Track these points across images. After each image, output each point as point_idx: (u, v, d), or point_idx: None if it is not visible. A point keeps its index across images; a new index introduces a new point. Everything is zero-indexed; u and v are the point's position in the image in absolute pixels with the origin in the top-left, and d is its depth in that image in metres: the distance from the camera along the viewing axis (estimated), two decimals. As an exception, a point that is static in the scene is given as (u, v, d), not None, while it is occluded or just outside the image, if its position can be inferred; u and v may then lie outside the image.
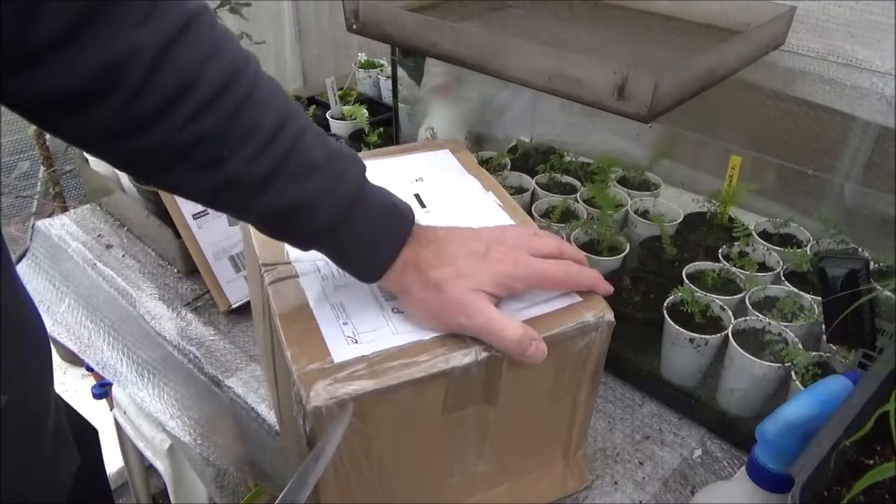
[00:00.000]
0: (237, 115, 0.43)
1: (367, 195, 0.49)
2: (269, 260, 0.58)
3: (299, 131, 0.46)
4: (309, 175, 0.46)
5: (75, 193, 2.15)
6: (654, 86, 0.59)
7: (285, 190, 0.45)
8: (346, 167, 0.48)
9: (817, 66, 0.84)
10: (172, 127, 0.42)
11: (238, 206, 0.47)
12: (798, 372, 0.66)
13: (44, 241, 1.13)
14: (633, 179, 1.02)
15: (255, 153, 0.44)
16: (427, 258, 0.51)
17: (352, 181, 0.48)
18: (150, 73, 0.40)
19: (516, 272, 0.51)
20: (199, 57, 0.41)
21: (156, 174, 0.46)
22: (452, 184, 0.70)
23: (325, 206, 0.47)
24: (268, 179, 0.45)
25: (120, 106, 0.40)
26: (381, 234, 0.50)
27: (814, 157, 0.93)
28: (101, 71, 0.39)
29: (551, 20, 0.89)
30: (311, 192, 0.46)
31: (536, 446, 0.63)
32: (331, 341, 0.50)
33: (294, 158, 0.46)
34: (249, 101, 0.44)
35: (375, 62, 1.47)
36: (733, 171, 0.88)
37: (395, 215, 0.51)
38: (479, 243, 0.53)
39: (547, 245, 0.55)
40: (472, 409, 0.54)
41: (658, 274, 0.84)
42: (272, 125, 0.45)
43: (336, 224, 0.48)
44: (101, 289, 1.01)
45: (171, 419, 0.93)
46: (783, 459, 0.49)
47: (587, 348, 0.56)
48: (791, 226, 0.89)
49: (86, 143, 0.44)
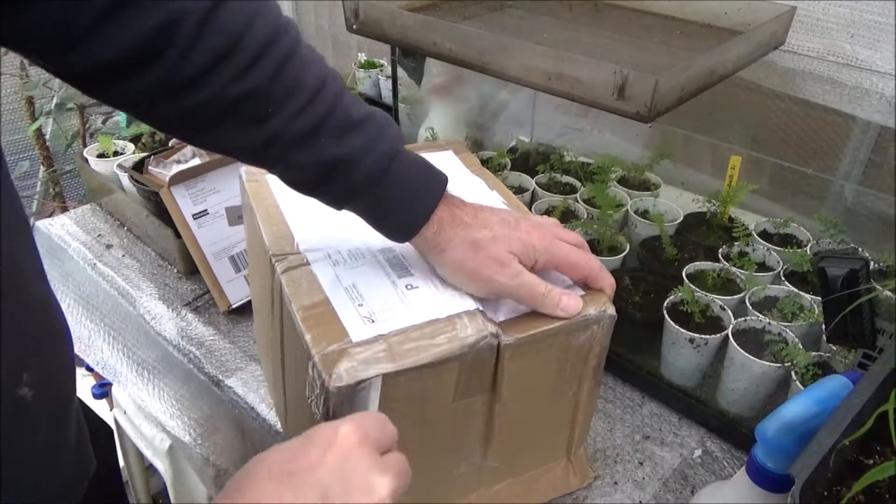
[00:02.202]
0: (281, 73, 0.45)
1: (403, 153, 0.51)
2: (279, 251, 0.59)
3: (339, 91, 0.48)
4: (350, 132, 0.48)
5: (75, 193, 2.15)
6: (654, 86, 0.59)
7: (327, 145, 0.47)
8: (383, 126, 0.50)
9: (817, 66, 0.84)
10: (219, 85, 0.43)
11: (281, 161, 0.49)
12: (798, 372, 0.66)
13: (44, 241, 1.13)
14: (633, 179, 1.02)
15: (299, 109, 0.46)
16: (464, 218, 0.52)
17: (389, 139, 0.50)
18: (198, 34, 0.41)
19: (542, 245, 0.53)
20: (244, 17, 0.43)
21: (202, 132, 0.47)
22: (457, 184, 0.70)
23: (366, 161, 0.48)
24: (310, 135, 0.47)
25: (169, 67, 0.41)
26: (417, 190, 0.51)
27: (814, 157, 0.93)
28: (151, 36, 0.40)
29: (551, 20, 0.89)
30: (351, 147, 0.48)
31: (540, 442, 0.64)
32: (348, 322, 0.51)
33: (335, 115, 0.47)
34: (292, 60, 0.45)
35: (375, 62, 1.47)
36: (733, 171, 0.88)
37: (430, 173, 0.52)
38: (509, 215, 0.55)
39: (571, 235, 0.57)
40: (478, 399, 0.55)
41: (658, 274, 0.84)
42: (314, 83, 0.46)
43: (375, 179, 0.49)
44: (101, 289, 1.01)
45: (171, 419, 0.93)
46: (783, 459, 0.49)
47: (589, 342, 0.56)
48: (791, 226, 0.89)
49: (135, 106, 0.46)
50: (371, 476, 0.35)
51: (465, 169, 0.73)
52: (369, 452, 0.36)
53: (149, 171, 0.99)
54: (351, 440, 0.36)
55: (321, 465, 0.35)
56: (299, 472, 0.35)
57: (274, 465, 0.35)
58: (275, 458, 0.36)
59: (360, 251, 0.58)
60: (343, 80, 0.51)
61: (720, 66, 0.70)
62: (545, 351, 0.55)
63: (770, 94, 0.91)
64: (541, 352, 0.55)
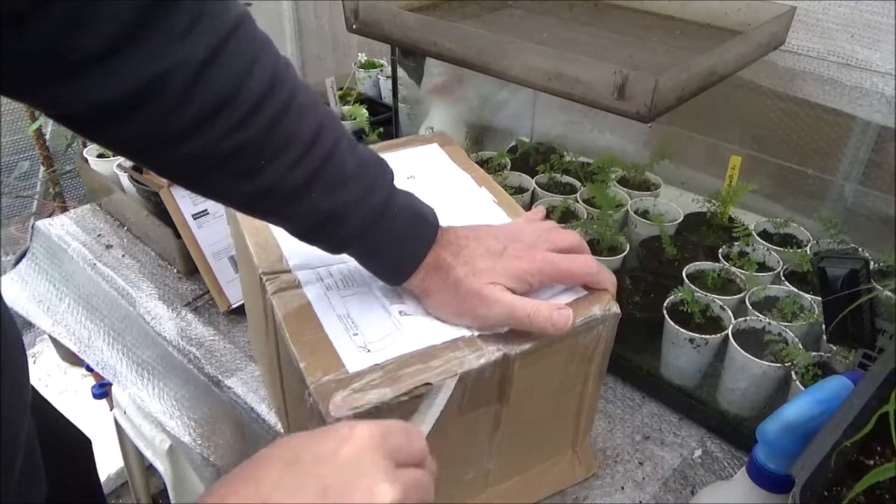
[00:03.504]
0: (276, 126, 0.44)
1: (396, 203, 0.51)
2: (269, 269, 0.58)
3: (334, 141, 0.47)
4: (342, 185, 0.48)
5: (75, 193, 2.15)
6: (654, 86, 0.59)
7: (320, 199, 0.47)
8: (376, 176, 0.50)
9: (817, 66, 0.84)
10: (212, 138, 0.42)
11: (274, 212, 0.49)
12: (798, 372, 0.66)
13: (44, 241, 1.13)
14: (633, 179, 1.02)
15: (292, 163, 0.45)
16: (447, 259, 0.52)
17: (381, 190, 0.50)
18: (192, 87, 0.40)
19: (532, 268, 0.53)
20: (240, 68, 0.42)
21: (194, 181, 0.47)
22: (445, 181, 0.70)
23: (357, 214, 0.48)
24: (303, 189, 0.46)
25: (160, 117, 0.40)
26: (407, 240, 0.51)
27: (814, 157, 0.93)
28: (144, 85, 0.39)
29: (551, 20, 0.89)
30: (343, 201, 0.48)
31: (546, 438, 0.64)
32: (343, 352, 0.50)
33: (328, 168, 0.47)
34: (288, 112, 0.44)
35: (375, 62, 1.47)
36: (733, 171, 0.88)
37: (420, 221, 0.52)
38: (496, 242, 0.54)
39: (565, 239, 0.57)
40: (486, 410, 0.54)
41: (658, 274, 0.84)
42: (309, 135, 0.45)
43: (366, 232, 0.50)
44: (101, 289, 1.01)
45: (171, 419, 0.93)
46: (783, 459, 0.49)
47: (595, 341, 0.56)
48: (791, 226, 0.89)
49: (124, 151, 0.45)
50: (377, 482, 0.34)
51: (451, 164, 0.73)
52: (382, 458, 0.35)
53: (149, 171, 0.99)
54: (366, 442, 0.35)
55: (329, 461, 0.34)
56: (307, 463, 0.34)
57: (286, 452, 0.35)
58: (290, 444, 0.36)
59: (352, 274, 0.58)
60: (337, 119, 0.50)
61: (720, 66, 0.70)
62: (553, 356, 0.55)
63: (770, 94, 0.91)
64: (549, 357, 0.54)
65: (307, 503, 0.33)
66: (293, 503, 0.33)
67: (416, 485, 0.36)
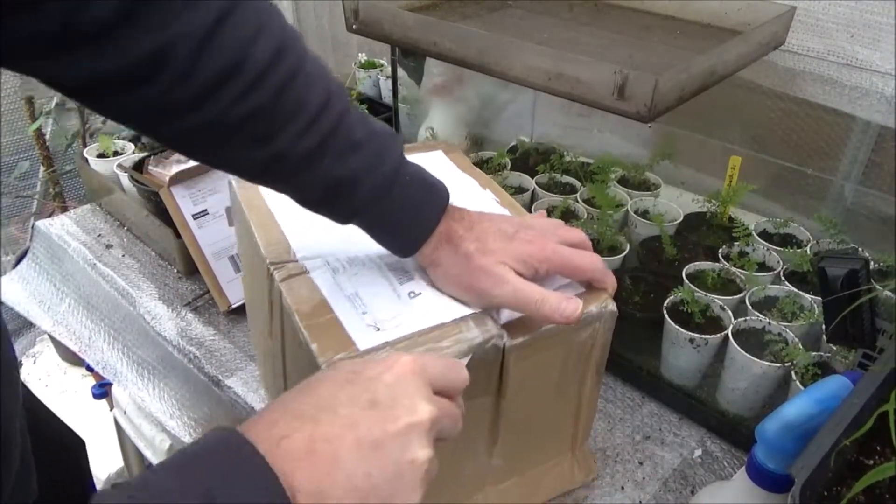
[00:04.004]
0: (284, 93, 0.44)
1: (406, 172, 0.51)
2: (277, 259, 0.58)
3: (343, 109, 0.48)
4: (353, 152, 0.48)
5: (75, 193, 2.15)
6: (654, 86, 0.59)
7: (331, 166, 0.47)
8: (386, 145, 0.50)
9: (817, 66, 0.84)
10: (222, 105, 0.42)
11: (285, 180, 0.49)
12: (798, 372, 0.66)
13: (44, 241, 1.13)
14: (633, 179, 1.02)
15: (303, 129, 0.45)
16: (458, 231, 0.53)
17: (391, 158, 0.50)
18: (198, 56, 0.40)
19: (541, 254, 0.53)
20: (246, 36, 0.42)
21: (205, 151, 0.47)
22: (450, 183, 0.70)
23: (367, 181, 0.49)
24: (314, 155, 0.46)
25: (168, 88, 0.41)
26: (418, 209, 0.52)
27: (814, 157, 0.93)
28: (149, 55, 0.39)
29: (551, 20, 0.89)
30: (354, 168, 0.48)
31: (544, 439, 0.64)
32: (353, 331, 0.50)
33: (339, 135, 0.47)
34: (296, 79, 0.45)
35: (375, 62, 1.47)
36: (733, 171, 0.88)
37: (431, 191, 0.53)
38: (508, 225, 0.55)
39: (574, 235, 0.57)
40: (484, 400, 0.55)
41: (658, 274, 0.84)
42: (318, 102, 0.46)
43: (377, 199, 0.50)
44: (101, 289, 1.01)
45: (171, 419, 0.93)
46: (783, 459, 0.49)
47: (591, 339, 0.57)
48: (791, 226, 0.89)
49: (133, 122, 0.45)
50: (416, 399, 0.38)
51: (456, 169, 0.73)
52: (422, 383, 0.39)
53: (149, 171, 0.99)
54: (407, 367, 0.39)
55: (378, 379, 0.39)
56: (358, 380, 0.39)
57: (339, 373, 0.39)
58: (343, 367, 0.40)
59: (359, 257, 0.58)
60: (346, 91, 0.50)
61: (720, 66, 0.70)
62: (549, 350, 0.55)
63: (770, 94, 0.91)
64: (544, 351, 0.55)
65: (357, 412, 0.37)
66: (346, 412, 0.37)
67: (448, 412, 0.41)
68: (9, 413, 0.46)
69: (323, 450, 0.35)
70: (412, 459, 0.37)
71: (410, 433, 0.37)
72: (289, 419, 0.36)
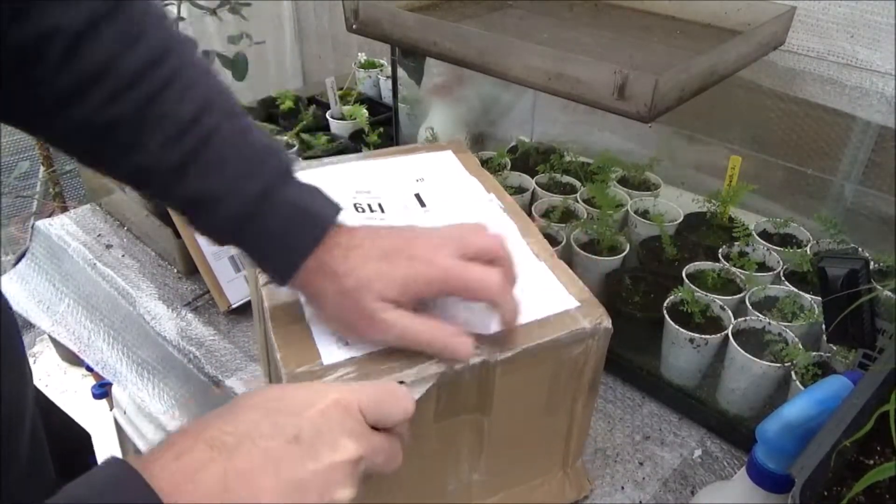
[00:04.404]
0: (153, 103, 0.43)
1: (280, 195, 0.47)
2: None
3: (215, 124, 0.46)
4: (218, 168, 0.45)
5: (75, 193, 2.15)
6: (654, 86, 0.59)
7: (194, 181, 0.45)
8: (263, 164, 0.47)
9: (817, 66, 0.84)
10: (88, 109, 0.43)
11: (158, 192, 0.47)
12: (798, 372, 0.66)
13: (44, 241, 1.13)
14: (633, 179, 1.02)
15: (168, 141, 0.44)
16: (331, 264, 0.47)
17: (264, 178, 0.47)
18: (72, 53, 0.41)
19: (427, 274, 0.46)
20: (121, 41, 0.42)
21: (82, 154, 0.47)
22: (454, 185, 0.70)
23: (231, 200, 0.46)
24: (179, 168, 0.45)
25: (39, 82, 0.41)
26: (285, 236, 0.47)
27: (814, 157, 0.93)
28: (25, 47, 0.40)
29: (551, 20, 0.89)
30: (217, 185, 0.45)
31: (533, 456, 0.62)
32: (321, 344, 0.50)
33: (206, 151, 0.45)
34: (167, 90, 0.44)
35: (375, 62, 1.47)
36: (733, 171, 0.88)
37: (305, 218, 0.47)
38: (394, 241, 0.48)
39: (482, 242, 0.49)
40: (466, 417, 0.53)
41: (658, 274, 0.84)
42: (188, 116, 0.45)
43: (242, 220, 0.46)
44: (101, 289, 1.01)
45: (171, 419, 0.93)
46: (783, 459, 0.49)
47: (583, 356, 0.54)
48: (791, 226, 0.89)
49: (8, 118, 0.45)
50: (340, 437, 0.37)
51: (462, 170, 0.73)
52: (349, 418, 0.38)
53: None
54: (333, 402, 0.38)
55: (304, 412, 0.37)
56: (282, 411, 0.37)
57: (265, 400, 0.38)
58: (268, 395, 0.39)
59: None
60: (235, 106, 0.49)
61: (720, 66, 0.70)
62: (537, 366, 0.53)
63: (770, 94, 0.91)
64: (532, 367, 0.53)
65: (279, 445, 0.35)
66: (267, 445, 0.35)
67: (380, 448, 0.39)
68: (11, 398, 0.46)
69: (238, 487, 0.33)
70: (332, 500, 0.35)
71: (332, 473, 0.36)
72: (203, 447, 0.34)
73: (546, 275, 0.58)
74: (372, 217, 0.63)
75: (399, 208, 0.65)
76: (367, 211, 0.64)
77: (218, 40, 1.62)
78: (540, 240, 0.63)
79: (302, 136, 1.20)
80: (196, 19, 1.39)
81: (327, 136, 1.21)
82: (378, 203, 0.65)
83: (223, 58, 1.29)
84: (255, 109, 1.34)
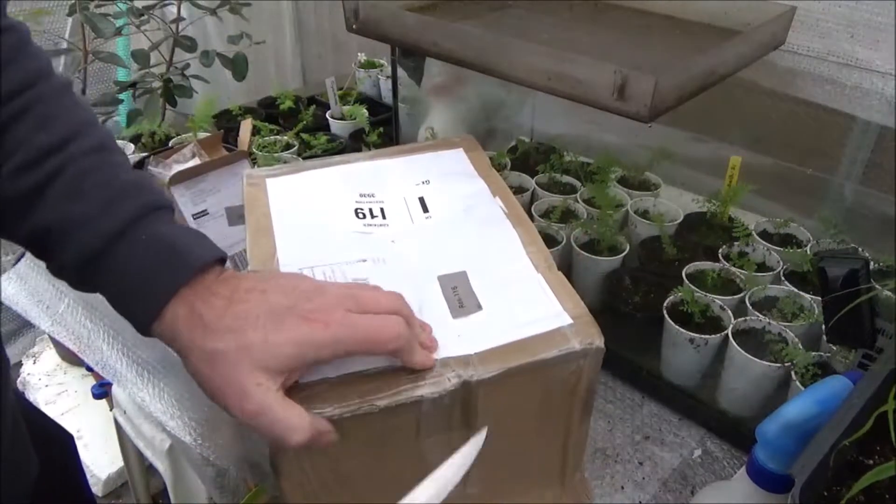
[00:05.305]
0: (7, 130, 0.42)
1: (140, 232, 0.43)
2: (260, 265, 0.56)
3: (75, 157, 0.43)
4: (71, 201, 0.42)
5: (75, 193, 2.15)
6: (654, 86, 0.59)
7: (43, 212, 0.42)
8: (124, 199, 0.43)
9: (817, 66, 0.84)
10: None
11: (8, 224, 0.43)
12: (798, 372, 0.66)
13: (44, 241, 1.12)
14: (633, 179, 1.02)
15: (19, 169, 0.42)
16: (204, 314, 0.41)
17: (122, 213, 0.42)
18: None
19: (325, 336, 0.41)
20: None
21: None
22: (459, 188, 0.69)
23: (81, 235, 0.42)
24: (30, 198, 0.42)
25: None
26: (147, 278, 0.42)
27: (814, 157, 0.93)
28: None
29: (551, 20, 0.89)
30: (67, 218, 0.42)
31: (527, 471, 0.60)
32: None
33: (62, 180, 0.42)
34: (24, 118, 0.42)
35: (375, 62, 1.47)
36: (733, 171, 0.88)
37: (172, 254, 0.42)
38: (285, 298, 0.43)
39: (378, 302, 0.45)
40: (453, 434, 0.51)
41: (658, 274, 0.84)
42: (44, 146, 0.42)
43: (92, 257, 0.42)
44: (101, 289, 1.01)
45: (171, 419, 0.93)
46: (783, 459, 0.49)
47: (575, 376, 0.52)
48: (791, 226, 0.89)
49: None
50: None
51: (471, 170, 0.71)
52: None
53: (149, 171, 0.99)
54: None
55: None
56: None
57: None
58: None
59: (335, 276, 0.54)
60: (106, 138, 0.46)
61: (720, 66, 0.70)
62: (524, 385, 0.51)
63: (770, 94, 0.91)
64: (519, 386, 0.50)
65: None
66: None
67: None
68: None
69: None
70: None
71: None
72: None
73: (541, 288, 0.56)
74: (372, 223, 0.62)
75: (401, 215, 0.64)
76: (369, 217, 0.63)
77: (218, 40, 1.62)
78: (541, 248, 0.61)
79: (302, 136, 1.20)
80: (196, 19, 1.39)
81: (327, 135, 1.21)
82: (381, 208, 0.64)
83: (223, 58, 1.29)
84: (255, 109, 1.34)
